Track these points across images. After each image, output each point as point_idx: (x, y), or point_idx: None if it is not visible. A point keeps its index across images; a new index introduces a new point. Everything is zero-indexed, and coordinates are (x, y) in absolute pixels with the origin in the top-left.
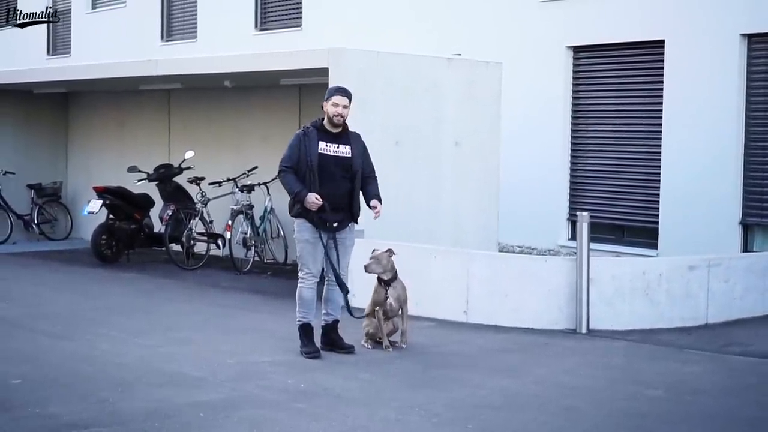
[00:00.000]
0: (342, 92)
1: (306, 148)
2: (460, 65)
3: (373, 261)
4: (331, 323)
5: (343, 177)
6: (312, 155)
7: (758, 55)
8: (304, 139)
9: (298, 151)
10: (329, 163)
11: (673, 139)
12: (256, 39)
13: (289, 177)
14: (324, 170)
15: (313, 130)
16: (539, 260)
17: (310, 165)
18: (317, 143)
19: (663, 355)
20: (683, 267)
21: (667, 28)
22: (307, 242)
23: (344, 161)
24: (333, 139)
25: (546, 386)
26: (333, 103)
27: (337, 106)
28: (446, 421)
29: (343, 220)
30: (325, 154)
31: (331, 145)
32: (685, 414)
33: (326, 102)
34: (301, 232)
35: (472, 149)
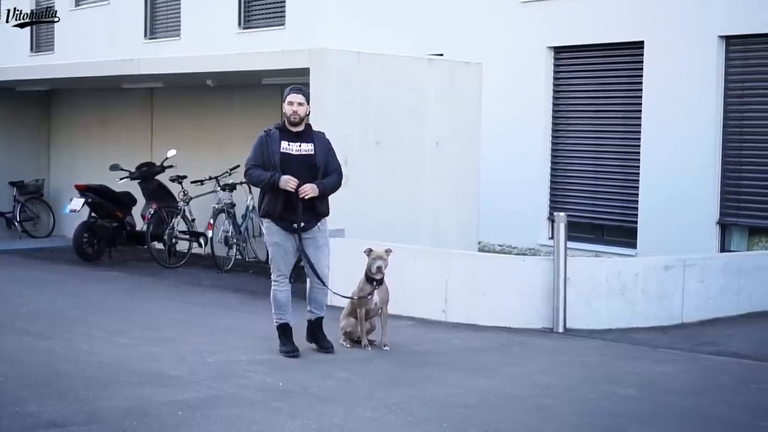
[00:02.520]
0: (296, 90)
1: (268, 149)
2: (440, 65)
3: (382, 261)
4: (314, 320)
5: (308, 175)
6: (274, 154)
7: (736, 57)
8: (266, 140)
9: (261, 152)
10: (292, 162)
11: (652, 140)
12: (240, 38)
13: (254, 171)
14: (287, 169)
15: (275, 131)
16: (517, 260)
17: (274, 164)
18: (279, 143)
19: (638, 354)
20: (659, 267)
21: (646, 29)
22: (276, 244)
23: (307, 159)
24: (295, 138)
25: (521, 385)
26: (288, 102)
27: (291, 104)
28: (422, 420)
29: (309, 221)
30: (287, 153)
31: (293, 144)
32: (656, 413)
33: (283, 102)
34: (270, 234)
35: (452, 149)
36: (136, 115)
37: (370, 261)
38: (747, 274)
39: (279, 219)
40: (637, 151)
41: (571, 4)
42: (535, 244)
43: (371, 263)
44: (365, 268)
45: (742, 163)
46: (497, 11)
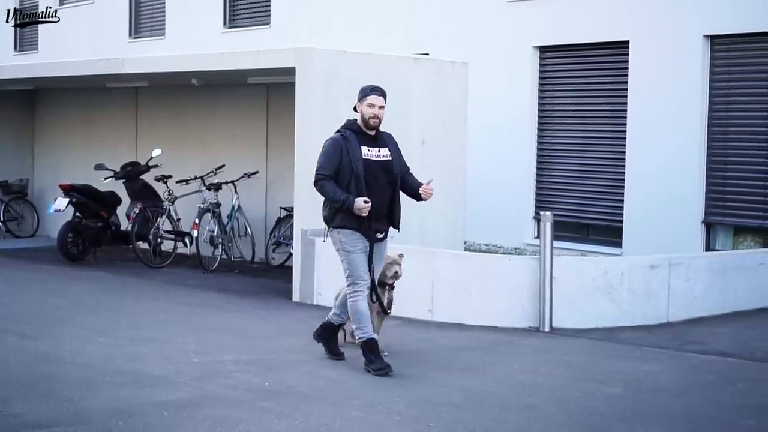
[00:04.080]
0: (378, 91)
1: (348, 155)
2: (426, 65)
3: (398, 266)
4: (336, 325)
5: (386, 182)
6: (357, 162)
7: (721, 57)
8: (345, 144)
9: (339, 157)
10: (373, 169)
11: (637, 139)
12: (225, 37)
13: (328, 185)
14: (368, 177)
15: (352, 134)
16: (503, 259)
17: (356, 173)
18: (360, 148)
19: (624, 353)
20: (645, 266)
21: (632, 29)
22: (360, 251)
23: (386, 165)
24: (373, 143)
25: (507, 384)
26: (369, 104)
27: (373, 107)
28: (408, 420)
29: (386, 230)
30: (369, 159)
31: (372, 150)
32: (642, 412)
33: (360, 103)
34: (351, 242)
35: (438, 148)
36: (120, 114)
37: (386, 266)
38: (732, 273)
39: (366, 227)
40: (623, 151)
41: (557, 4)
42: (522, 244)
43: (386, 268)
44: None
45: (728, 163)
46: (483, 11)
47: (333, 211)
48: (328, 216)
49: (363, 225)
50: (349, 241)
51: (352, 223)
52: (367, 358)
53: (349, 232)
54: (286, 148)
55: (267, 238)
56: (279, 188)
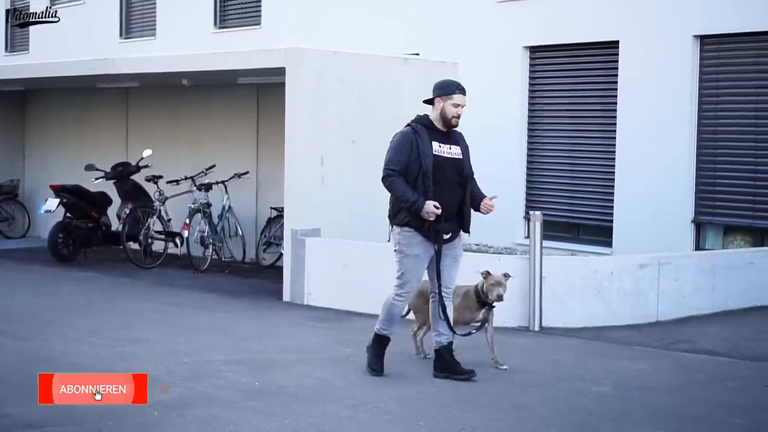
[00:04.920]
0: (463, 90)
1: (418, 149)
2: (416, 65)
3: (502, 288)
4: (446, 345)
5: (456, 182)
6: (426, 157)
7: (710, 57)
8: (415, 138)
9: (408, 152)
10: (444, 167)
11: (627, 139)
12: (215, 37)
13: (398, 183)
14: (437, 174)
15: (423, 128)
16: (493, 259)
17: (425, 169)
18: (430, 143)
19: (613, 352)
20: (634, 265)
21: (621, 29)
22: (417, 257)
23: (457, 164)
24: (445, 139)
25: (497, 383)
26: (454, 103)
27: (458, 107)
28: (398, 419)
29: (454, 231)
30: (440, 156)
31: (444, 146)
32: (632, 410)
33: (442, 98)
34: (411, 245)
35: None
36: (111, 114)
37: (488, 287)
38: (721, 272)
39: (433, 228)
40: (613, 151)
41: (547, 4)
42: (512, 244)
43: (490, 289)
44: (475, 287)
45: (717, 162)
46: (473, 11)
47: (397, 209)
48: (392, 212)
49: (427, 226)
50: (407, 244)
51: (416, 222)
52: (371, 351)
53: (410, 233)
54: (277, 149)
55: (257, 239)
56: (269, 188)
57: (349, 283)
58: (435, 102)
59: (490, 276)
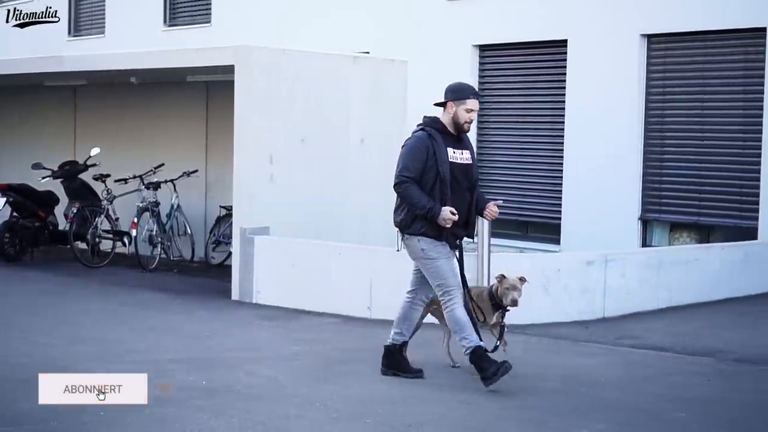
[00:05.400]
0: (477, 95)
1: (435, 156)
2: (366, 63)
3: (518, 293)
4: (400, 344)
5: (467, 188)
6: (444, 164)
7: (657, 55)
8: (432, 144)
9: (425, 158)
10: (457, 173)
11: (575, 138)
12: (165, 35)
13: (413, 190)
14: (453, 181)
15: (437, 133)
16: None
17: (443, 176)
18: (446, 149)
19: (560, 348)
20: (581, 262)
21: (570, 28)
22: (448, 258)
23: (468, 170)
24: (457, 144)
25: (444, 380)
26: (467, 108)
27: (471, 112)
28: (345, 416)
29: (462, 237)
30: (455, 162)
31: (457, 152)
32: (578, 405)
33: (455, 103)
34: (437, 249)
35: (378, 146)
36: (58, 113)
37: (503, 291)
38: (667, 269)
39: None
40: (561, 149)
41: (496, 3)
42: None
43: (504, 294)
44: (489, 290)
45: (664, 160)
46: (424, 9)
47: (412, 217)
48: (405, 221)
49: (444, 233)
50: (431, 248)
51: (433, 231)
52: (479, 368)
53: (430, 240)
54: (226, 147)
55: (207, 237)
56: (219, 187)
57: (297, 281)
58: (447, 106)
59: (504, 279)
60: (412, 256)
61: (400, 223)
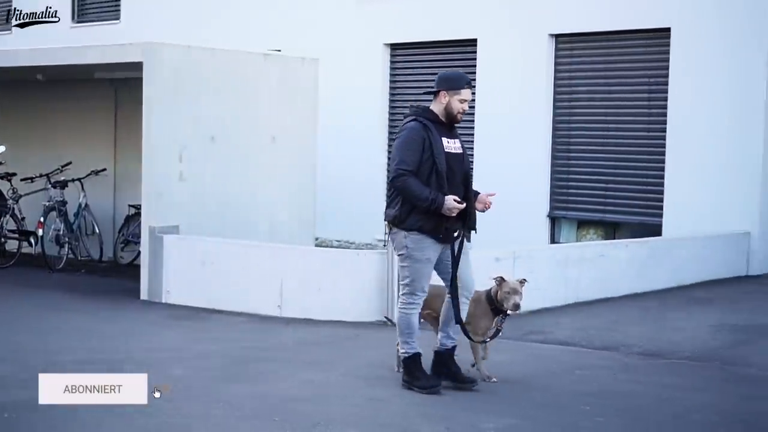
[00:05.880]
0: (470, 85)
1: (432, 147)
2: (276, 61)
3: (519, 297)
4: (451, 348)
5: (461, 179)
6: (440, 155)
7: (565, 55)
8: (427, 134)
9: (421, 149)
10: (452, 164)
11: (484, 136)
12: (73, 32)
13: (412, 182)
14: (449, 173)
15: (430, 122)
16: (351, 254)
17: (439, 168)
18: (440, 139)
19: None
20: (489, 259)
21: (480, 26)
22: (427, 261)
23: (461, 160)
24: (450, 134)
25: (354, 377)
26: (461, 99)
27: (464, 102)
28: (251, 415)
29: (459, 229)
30: (449, 152)
31: (450, 142)
32: (485, 400)
33: (448, 92)
34: (422, 249)
35: (288, 145)
36: None
37: (504, 295)
38: (574, 265)
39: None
40: (471, 147)
41: (407, 2)
42: (374, 240)
43: (505, 297)
44: (487, 293)
45: (571, 158)
46: (335, 8)
47: (409, 210)
48: (401, 215)
49: (442, 227)
50: (417, 248)
51: (430, 225)
52: (411, 376)
53: (419, 237)
54: (135, 145)
55: (115, 237)
56: (128, 186)
57: (207, 280)
58: (440, 95)
59: (504, 283)
60: (395, 250)
61: (394, 218)
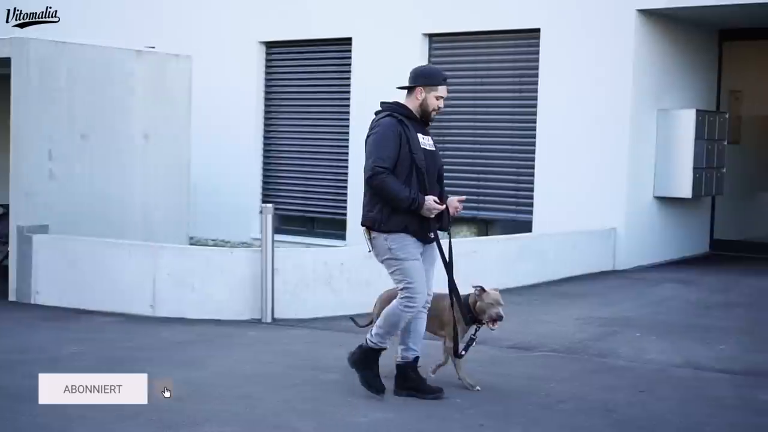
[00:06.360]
0: (446, 82)
1: (410, 143)
2: (149, 57)
3: (501, 307)
4: (412, 361)
5: (436, 177)
6: (418, 151)
7: (438, 54)
8: (404, 130)
9: (398, 146)
10: (428, 161)
11: (360, 133)
12: None
13: (391, 181)
14: (427, 171)
15: (405, 118)
16: (225, 252)
17: (419, 165)
18: (417, 135)
19: (342, 340)
20: (363, 255)
21: (354, 25)
22: (415, 261)
23: (436, 157)
24: (424, 131)
25: (228, 376)
26: (438, 95)
27: (440, 100)
28: (128, 415)
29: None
30: (425, 149)
31: (425, 138)
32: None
33: (425, 89)
34: (406, 248)
35: (162, 142)
36: None
37: (485, 305)
38: None
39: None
40: (346, 145)
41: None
42: (249, 238)
43: (488, 308)
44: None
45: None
46: (209, 5)
47: (389, 212)
48: (381, 217)
49: (425, 227)
50: (400, 248)
51: (413, 225)
52: (363, 364)
53: (400, 236)
54: (2, 143)
55: None
56: None
57: (77, 280)
58: (416, 91)
59: (485, 293)
60: (378, 256)
61: (373, 221)
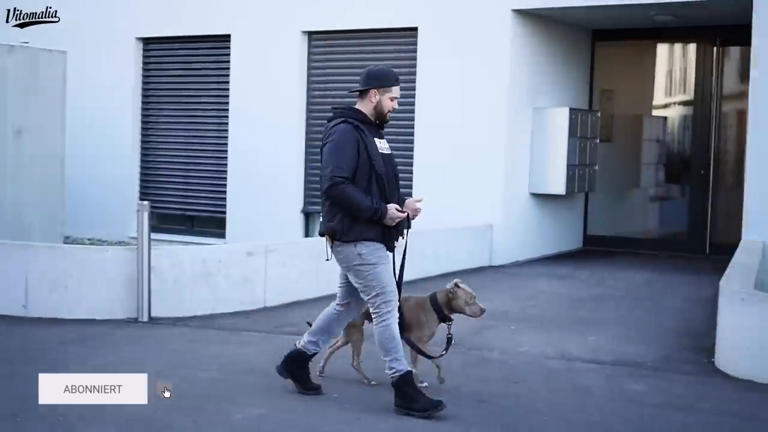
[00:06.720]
0: (399, 81)
1: (368, 150)
2: (21, 53)
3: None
4: (310, 354)
5: (394, 180)
6: (377, 157)
7: (317, 52)
8: (361, 136)
9: (356, 153)
10: (387, 166)
11: (238, 131)
12: None
13: (351, 190)
14: (386, 176)
15: (361, 123)
16: (100, 251)
17: (378, 171)
18: (374, 140)
19: (221, 338)
20: (241, 253)
21: (232, 22)
22: (384, 266)
23: (392, 161)
24: (379, 135)
25: None
26: (392, 96)
27: (394, 100)
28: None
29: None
30: (383, 154)
31: (381, 142)
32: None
33: (379, 91)
34: (373, 253)
35: (35, 139)
36: None
37: (465, 302)
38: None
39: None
40: (225, 143)
41: None
42: (126, 237)
43: (467, 305)
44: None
45: None
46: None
47: (350, 221)
48: (343, 228)
49: (388, 235)
50: (371, 252)
51: (377, 234)
52: (404, 396)
53: (369, 244)
54: None
55: None
56: None
57: None
58: (369, 94)
59: (462, 290)
60: (344, 264)
61: (335, 232)
